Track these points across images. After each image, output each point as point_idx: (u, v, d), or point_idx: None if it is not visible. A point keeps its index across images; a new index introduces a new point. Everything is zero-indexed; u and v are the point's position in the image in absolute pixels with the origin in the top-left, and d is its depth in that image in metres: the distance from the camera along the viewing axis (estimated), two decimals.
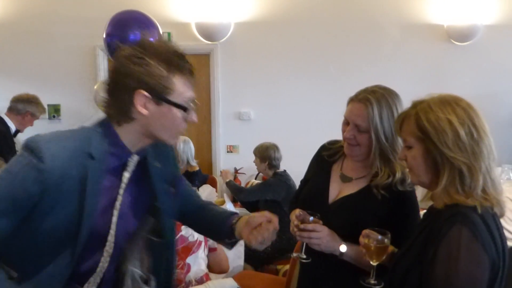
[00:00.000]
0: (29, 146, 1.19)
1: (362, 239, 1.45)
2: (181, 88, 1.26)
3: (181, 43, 1.36)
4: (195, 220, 1.66)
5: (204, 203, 1.71)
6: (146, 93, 1.22)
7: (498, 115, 5.26)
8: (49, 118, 5.11)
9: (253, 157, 4.20)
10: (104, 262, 1.32)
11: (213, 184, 4.67)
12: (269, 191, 3.80)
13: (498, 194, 1.27)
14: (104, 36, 3.46)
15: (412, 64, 5.22)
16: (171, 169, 1.51)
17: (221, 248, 2.83)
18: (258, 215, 1.43)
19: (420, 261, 1.27)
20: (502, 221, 2.65)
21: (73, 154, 1.21)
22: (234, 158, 5.35)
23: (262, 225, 1.39)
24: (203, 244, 2.67)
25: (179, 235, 2.51)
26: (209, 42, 5.12)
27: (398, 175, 1.60)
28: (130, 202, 1.37)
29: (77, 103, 5.03)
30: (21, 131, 4.09)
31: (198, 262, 2.65)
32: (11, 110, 3.99)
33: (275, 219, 1.41)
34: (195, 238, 2.59)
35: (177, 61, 1.25)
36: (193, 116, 1.32)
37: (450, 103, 1.29)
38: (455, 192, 1.26)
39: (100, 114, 1.40)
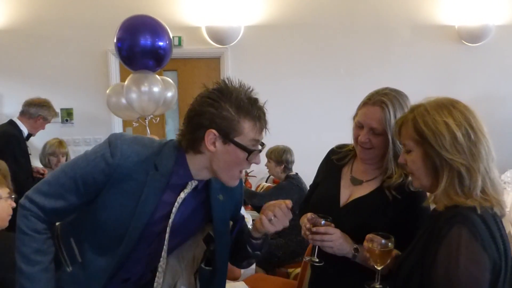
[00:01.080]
0: (110, 140, 1.37)
1: (366, 244, 1.46)
2: (248, 131, 1.34)
3: (191, 47, 1.38)
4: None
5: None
6: (215, 132, 1.32)
7: (509, 116, 5.21)
8: (62, 122, 5.16)
9: (263, 160, 4.20)
10: (159, 277, 1.47)
11: None
12: (282, 194, 3.79)
13: (498, 194, 1.28)
14: (115, 40, 3.49)
15: (423, 65, 5.19)
16: (234, 206, 1.61)
17: None
18: (269, 202, 1.51)
19: (422, 264, 1.28)
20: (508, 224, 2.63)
21: (142, 160, 1.37)
22: None
23: (275, 204, 1.47)
24: None
25: None
26: (219, 46, 5.14)
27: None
28: (181, 224, 1.46)
29: (90, 107, 5.08)
30: (33, 134, 4.13)
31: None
32: (23, 114, 4.03)
33: (288, 201, 1.47)
34: None
35: (247, 106, 1.34)
36: (257, 159, 1.40)
37: (446, 106, 1.30)
38: (455, 194, 1.27)
39: (112, 117, 1.46)
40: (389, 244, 1.42)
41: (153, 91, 3.57)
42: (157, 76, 3.66)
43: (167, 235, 1.42)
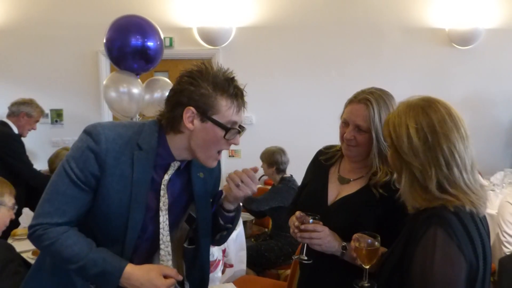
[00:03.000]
0: (88, 131, 1.37)
1: (353, 243, 1.47)
2: (225, 110, 1.37)
3: (182, 48, 1.40)
4: None
5: None
6: (194, 110, 1.35)
7: (500, 119, 5.26)
8: (52, 122, 5.13)
9: (255, 161, 4.18)
10: (166, 260, 1.49)
11: None
12: (279, 197, 3.79)
13: (478, 197, 1.28)
14: (105, 40, 3.46)
15: (414, 68, 5.23)
16: (214, 181, 1.64)
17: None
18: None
19: (401, 264, 1.30)
20: (503, 224, 2.65)
21: (126, 141, 1.39)
22: (236, 163, 5.33)
23: (242, 170, 1.48)
24: (220, 262, 2.67)
25: None
26: (211, 47, 5.13)
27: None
28: (171, 205, 1.49)
29: (80, 107, 5.05)
30: (23, 135, 4.09)
31: (213, 282, 2.65)
32: (9, 115, 4.05)
33: (255, 167, 1.51)
34: (215, 258, 2.59)
35: (224, 84, 1.37)
36: (236, 139, 1.43)
37: (416, 108, 1.32)
38: (418, 195, 1.31)
39: (102, 118, 1.46)
40: (376, 243, 1.44)
41: (132, 92, 3.54)
42: (137, 77, 3.62)
43: (161, 217, 1.45)
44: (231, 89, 1.38)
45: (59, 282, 1.45)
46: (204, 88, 1.35)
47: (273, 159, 4.00)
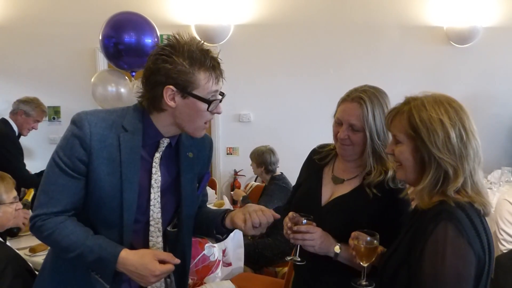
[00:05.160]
0: (72, 120, 1.39)
1: (351, 241, 1.47)
2: (204, 83, 1.37)
3: None
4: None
5: (203, 203, 1.77)
6: (173, 88, 1.35)
7: (497, 118, 5.26)
8: (49, 120, 5.12)
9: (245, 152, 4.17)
10: (155, 237, 1.48)
11: (213, 186, 4.67)
12: (274, 199, 3.78)
13: (480, 196, 1.29)
14: (101, 37, 3.45)
15: (412, 66, 5.22)
16: (203, 161, 1.62)
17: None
18: (253, 205, 1.53)
19: (408, 261, 1.29)
20: (501, 224, 2.66)
21: (110, 125, 1.40)
22: (234, 160, 5.35)
23: (258, 211, 1.47)
24: (220, 262, 2.68)
25: (201, 254, 2.53)
26: (209, 45, 5.09)
27: (390, 172, 1.61)
28: (164, 187, 1.49)
29: (77, 105, 5.01)
30: (23, 133, 4.05)
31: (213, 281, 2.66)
32: (10, 112, 4.00)
33: (276, 215, 1.50)
34: (215, 258, 2.60)
35: (200, 57, 1.36)
36: (218, 108, 1.43)
37: (443, 103, 1.30)
38: (435, 192, 1.29)
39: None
40: (375, 241, 1.44)
41: (120, 91, 3.52)
42: (126, 77, 3.61)
43: (152, 195, 1.45)
44: (208, 62, 1.36)
45: (59, 280, 1.46)
46: (180, 64, 1.34)
47: (262, 159, 3.99)
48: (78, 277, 1.43)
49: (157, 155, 1.46)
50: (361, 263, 1.46)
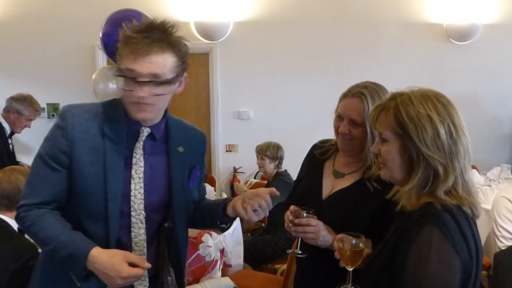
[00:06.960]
0: (59, 113, 1.43)
1: (336, 244, 1.42)
2: (124, 58, 1.33)
3: None
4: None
5: (202, 198, 1.75)
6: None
7: (496, 115, 5.27)
8: (48, 117, 5.11)
9: (252, 156, 4.19)
10: (137, 228, 1.45)
11: (212, 183, 4.67)
12: (279, 195, 3.77)
13: (470, 195, 1.23)
14: (101, 35, 3.45)
15: (411, 63, 5.22)
16: (195, 156, 1.60)
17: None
18: (250, 190, 1.49)
19: (392, 263, 1.24)
20: (499, 220, 2.66)
21: (94, 115, 1.41)
22: (233, 157, 5.35)
23: (260, 195, 1.42)
24: (218, 262, 2.66)
25: (195, 254, 2.50)
26: (208, 42, 5.12)
27: None
28: (151, 181, 1.46)
29: (76, 101, 4.96)
30: (16, 131, 4.01)
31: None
32: (3, 109, 3.94)
33: (273, 189, 1.45)
34: (212, 258, 2.58)
35: (128, 33, 1.33)
36: (126, 85, 1.34)
37: (431, 98, 1.22)
38: (424, 193, 1.23)
39: None
40: (360, 244, 1.36)
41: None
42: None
43: (133, 184, 1.42)
44: (131, 37, 1.31)
45: (48, 274, 1.46)
46: (120, 40, 1.35)
47: (279, 154, 4.05)
48: (64, 273, 1.39)
49: (137, 145, 1.44)
50: (346, 267, 1.40)
